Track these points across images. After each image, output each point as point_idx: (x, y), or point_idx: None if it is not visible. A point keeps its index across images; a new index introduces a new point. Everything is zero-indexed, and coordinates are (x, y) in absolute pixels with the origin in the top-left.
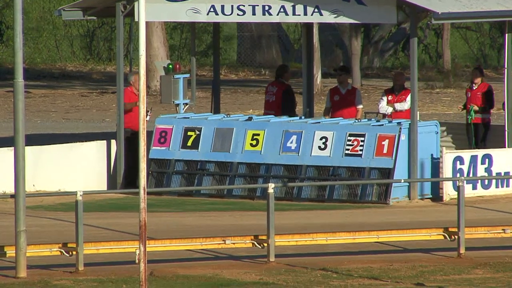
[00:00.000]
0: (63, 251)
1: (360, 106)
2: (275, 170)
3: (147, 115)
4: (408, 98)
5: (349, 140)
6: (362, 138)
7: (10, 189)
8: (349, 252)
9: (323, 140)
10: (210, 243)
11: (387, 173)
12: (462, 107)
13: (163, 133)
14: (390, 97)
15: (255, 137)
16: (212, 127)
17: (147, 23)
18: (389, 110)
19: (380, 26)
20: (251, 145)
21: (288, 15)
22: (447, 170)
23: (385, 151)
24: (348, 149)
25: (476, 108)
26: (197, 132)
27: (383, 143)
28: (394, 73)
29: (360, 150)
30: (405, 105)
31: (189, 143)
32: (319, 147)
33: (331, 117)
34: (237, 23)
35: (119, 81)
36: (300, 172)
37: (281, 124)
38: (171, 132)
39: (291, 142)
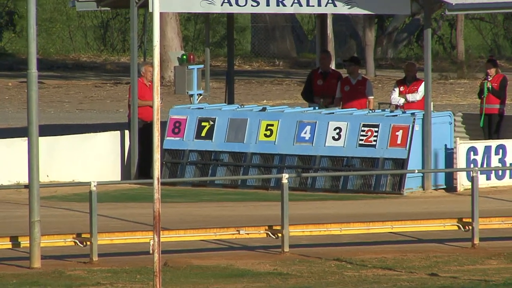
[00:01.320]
0: (77, 241)
1: (371, 97)
2: (289, 160)
3: None
4: (420, 88)
5: (363, 131)
6: (376, 129)
7: (24, 180)
8: (363, 242)
9: (337, 130)
10: (224, 234)
11: (401, 163)
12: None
13: (177, 123)
14: (402, 88)
15: (269, 127)
16: (226, 117)
17: (161, 13)
18: (401, 101)
19: (394, 17)
20: (265, 135)
21: (302, 6)
22: (461, 161)
23: (399, 141)
24: (362, 140)
25: (489, 85)
26: (211, 123)
27: (397, 133)
28: (406, 64)
29: (374, 140)
30: (417, 96)
31: (203, 134)
32: (333, 138)
33: (342, 108)
34: (251, 14)
35: (133, 72)
36: (314, 163)
37: (295, 114)
38: (185, 122)
39: (305, 133)
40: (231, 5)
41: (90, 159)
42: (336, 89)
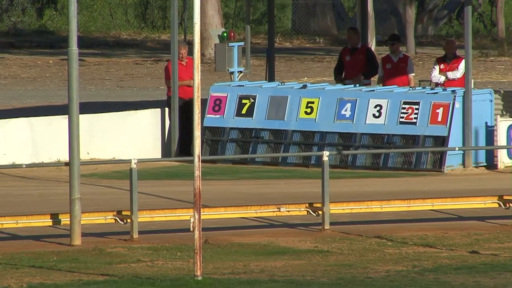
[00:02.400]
0: (118, 219)
1: (412, 74)
2: (330, 138)
3: None
4: (460, 66)
5: (404, 108)
6: (417, 106)
7: (65, 157)
8: (404, 220)
9: (378, 108)
10: (264, 211)
11: (441, 141)
12: None
13: (217, 101)
14: (442, 66)
15: (309, 105)
16: (267, 95)
17: None
18: (442, 79)
19: None
20: (306, 113)
21: None
22: (501, 138)
23: (439, 119)
24: (402, 117)
25: None
26: (252, 100)
27: (437, 111)
28: (446, 41)
29: (415, 118)
30: (457, 74)
31: (243, 111)
32: (374, 115)
33: (383, 86)
34: None
35: (173, 49)
36: (354, 140)
37: (335, 92)
38: (225, 100)
39: (346, 110)
40: None
41: (131, 136)
42: (363, 64)
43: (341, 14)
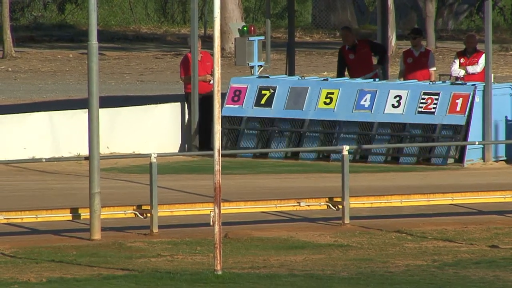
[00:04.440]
0: (138, 213)
1: (433, 68)
2: (348, 127)
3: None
4: (480, 60)
5: (423, 99)
6: (436, 97)
7: (85, 151)
8: (424, 214)
9: (397, 98)
10: (284, 205)
11: (459, 130)
12: None
13: (237, 91)
14: (462, 60)
15: (329, 95)
16: (287, 86)
17: None
18: (462, 73)
19: None
20: (325, 103)
21: None
22: None
23: (458, 108)
24: (421, 107)
25: None
26: (272, 91)
27: (457, 101)
28: (466, 36)
29: (434, 107)
30: (477, 68)
31: (262, 101)
32: (393, 105)
33: (404, 80)
34: None
35: (194, 43)
36: (372, 129)
37: (356, 84)
38: (245, 90)
39: (365, 100)
40: None
41: (150, 130)
42: (370, 57)
43: (361, 8)
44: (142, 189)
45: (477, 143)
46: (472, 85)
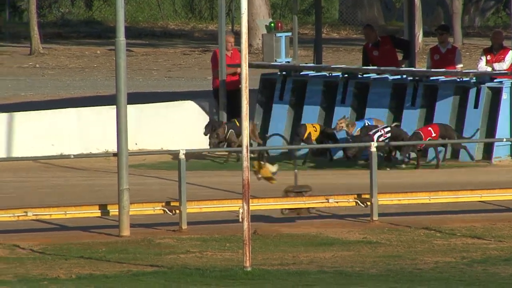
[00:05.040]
0: (166, 209)
1: (460, 65)
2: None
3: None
4: (507, 57)
5: None
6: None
7: (113, 148)
8: (452, 211)
9: None
10: (313, 202)
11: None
12: None
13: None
14: (488, 57)
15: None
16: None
17: None
18: (488, 70)
19: None
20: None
21: None
22: None
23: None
24: None
25: None
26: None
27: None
28: (493, 32)
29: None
30: (503, 65)
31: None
32: None
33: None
34: None
35: (221, 40)
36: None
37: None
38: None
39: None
40: None
41: (179, 127)
42: (394, 52)
43: (388, 5)
44: (171, 185)
45: (504, 140)
46: (499, 82)
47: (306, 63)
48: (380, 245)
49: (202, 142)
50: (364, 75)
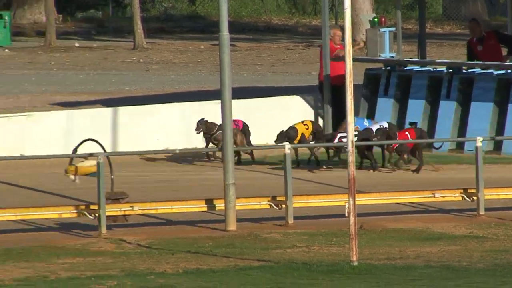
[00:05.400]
0: (272, 204)
1: None
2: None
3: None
4: None
5: None
6: None
7: None
8: None
9: None
10: (419, 197)
11: None
12: None
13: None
14: None
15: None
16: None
17: None
18: None
19: None
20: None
21: None
22: None
23: None
24: None
25: None
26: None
27: None
28: None
29: None
30: None
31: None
32: None
33: None
34: None
35: (325, 35)
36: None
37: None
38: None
39: None
40: None
41: (283, 121)
42: (499, 47)
43: (492, 0)
44: (276, 180)
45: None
46: None
47: (410, 58)
48: (487, 239)
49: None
50: (469, 70)
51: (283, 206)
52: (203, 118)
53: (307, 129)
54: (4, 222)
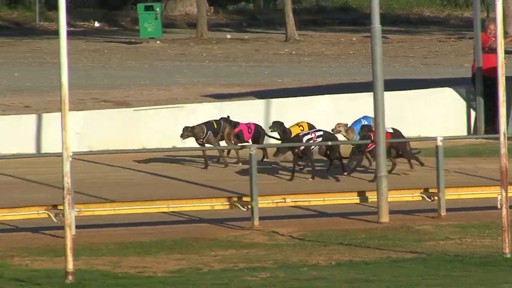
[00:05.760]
0: (425, 196)
1: None
2: None
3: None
4: None
5: None
6: None
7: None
8: None
9: None
10: None
11: None
12: None
13: None
14: None
15: None
16: None
17: None
18: None
19: None
20: None
21: None
22: None
23: None
24: None
25: None
26: None
27: None
28: None
29: None
30: None
31: None
32: None
33: None
34: None
35: (476, 27)
36: None
37: None
38: None
39: None
40: None
41: (434, 113)
42: None
43: None
44: (429, 172)
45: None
46: None
47: None
48: None
49: (458, 130)
50: None
51: (435, 198)
52: (187, 126)
53: (302, 130)
54: (156, 214)
